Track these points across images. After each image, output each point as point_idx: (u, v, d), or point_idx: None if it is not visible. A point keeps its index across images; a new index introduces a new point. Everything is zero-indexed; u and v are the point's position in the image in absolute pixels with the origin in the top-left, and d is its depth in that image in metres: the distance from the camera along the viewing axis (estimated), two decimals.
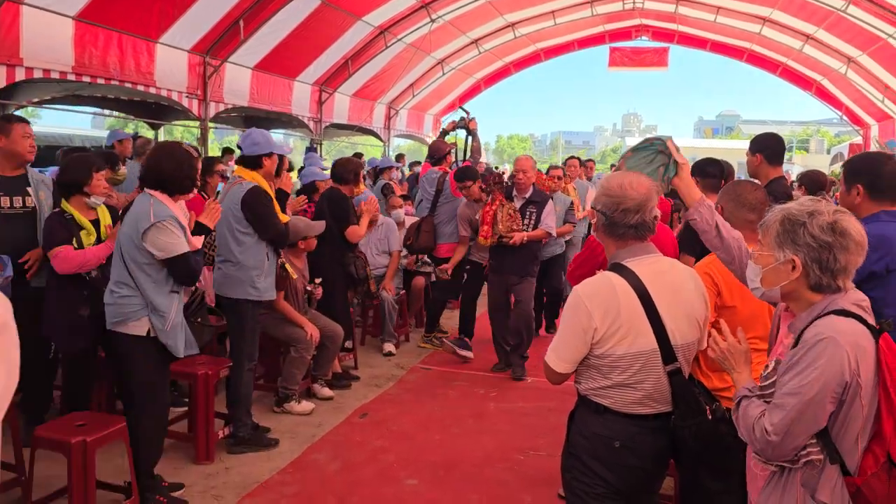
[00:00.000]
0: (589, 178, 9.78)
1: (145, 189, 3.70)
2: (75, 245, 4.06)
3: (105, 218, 4.28)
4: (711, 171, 4.33)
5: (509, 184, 6.39)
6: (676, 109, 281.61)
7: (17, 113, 7.25)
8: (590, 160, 10.93)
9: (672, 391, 2.35)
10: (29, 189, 4.37)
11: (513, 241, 5.96)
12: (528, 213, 6.18)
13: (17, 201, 4.32)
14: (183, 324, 3.76)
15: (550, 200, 6.34)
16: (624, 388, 2.32)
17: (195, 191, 3.99)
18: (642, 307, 2.29)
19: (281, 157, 4.75)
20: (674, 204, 6.36)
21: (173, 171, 3.68)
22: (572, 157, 9.30)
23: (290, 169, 8.50)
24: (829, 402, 1.85)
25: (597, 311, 2.28)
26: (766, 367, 2.06)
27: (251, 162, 4.51)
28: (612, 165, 11.28)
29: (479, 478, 4.35)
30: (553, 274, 7.50)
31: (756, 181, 3.66)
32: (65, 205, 4.14)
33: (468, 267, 6.94)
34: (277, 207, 4.57)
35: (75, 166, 4.22)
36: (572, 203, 7.40)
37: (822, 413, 1.86)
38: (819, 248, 1.91)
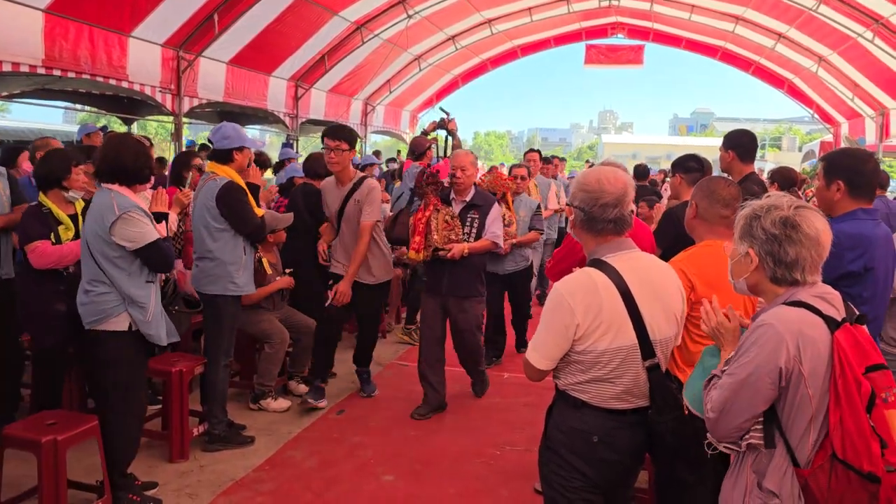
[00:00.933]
0: (554, 177, 9.10)
1: (102, 184, 3.64)
2: (53, 240, 4.00)
3: (82, 213, 4.22)
4: (694, 166, 4.36)
5: (446, 185, 5.30)
6: (652, 107, 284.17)
7: None
8: (555, 157, 10.23)
9: (650, 386, 2.37)
10: None
11: (450, 255, 4.92)
12: (468, 219, 5.10)
13: None
14: (163, 312, 3.75)
15: (496, 204, 5.25)
16: (603, 383, 2.34)
17: (152, 180, 3.94)
18: (623, 302, 2.31)
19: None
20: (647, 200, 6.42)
21: (132, 162, 3.64)
22: (532, 151, 8.46)
23: (269, 166, 8.45)
24: (766, 386, 1.91)
25: (579, 307, 2.28)
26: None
27: (222, 156, 4.45)
28: (587, 161, 10.95)
29: (457, 473, 4.35)
30: (519, 291, 6.66)
31: (729, 177, 3.70)
32: (42, 198, 4.08)
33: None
34: (252, 201, 4.54)
35: (54, 160, 4.15)
36: (539, 206, 6.61)
37: (757, 396, 1.93)
38: (768, 240, 2.00)
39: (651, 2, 14.39)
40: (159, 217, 3.83)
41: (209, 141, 4.65)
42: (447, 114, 6.97)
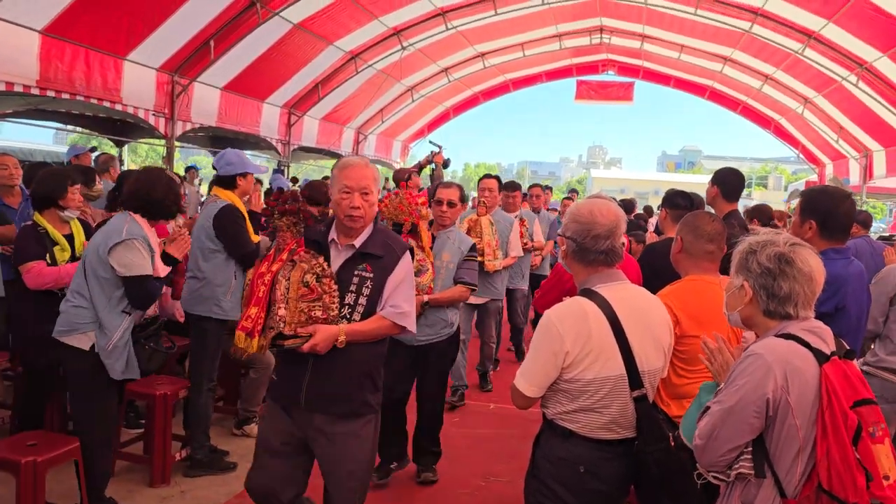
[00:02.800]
0: (537, 210, 8.28)
1: (125, 210, 3.68)
2: (48, 261, 3.99)
3: (79, 233, 4.23)
4: (680, 203, 4.42)
5: (318, 215, 4.10)
6: (641, 143, 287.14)
7: None
8: (538, 186, 9.20)
9: (637, 417, 2.38)
10: None
11: (307, 347, 2.73)
12: (354, 277, 2.89)
13: None
14: (128, 347, 3.67)
15: (408, 253, 3.04)
16: (590, 413, 2.35)
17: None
18: (612, 332, 2.33)
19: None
20: (634, 235, 6.48)
21: (161, 197, 3.72)
22: (489, 177, 6.71)
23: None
24: (753, 415, 1.94)
25: (568, 334, 2.30)
26: None
27: (227, 182, 4.52)
28: (573, 190, 10.55)
29: (440, 503, 4.32)
30: (432, 372, 4.53)
31: (713, 213, 3.76)
32: (38, 218, 4.08)
33: None
34: (250, 227, 4.56)
35: (50, 180, 4.17)
36: (473, 247, 4.58)
37: (744, 425, 1.95)
38: (763, 274, 2.05)
39: (641, 40, 14.65)
40: (171, 261, 3.85)
41: (213, 167, 4.70)
42: (439, 147, 6.96)
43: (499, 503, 4.34)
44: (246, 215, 4.52)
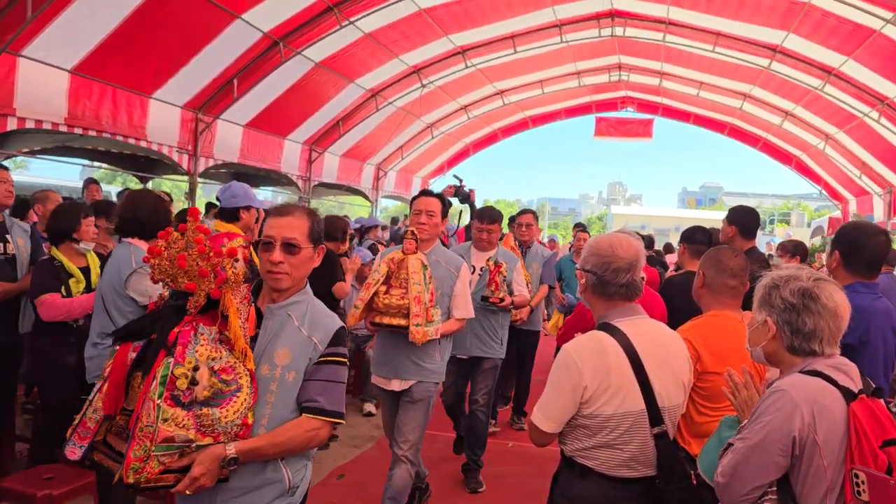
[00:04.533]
0: (525, 244, 6.51)
1: (122, 238, 3.71)
2: (63, 293, 4.03)
3: (95, 266, 4.27)
4: (699, 238, 4.40)
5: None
6: (661, 180, 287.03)
7: (6, 163, 7.30)
8: (527, 212, 6.93)
9: (657, 454, 2.33)
10: (8, 236, 4.37)
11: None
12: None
13: None
14: None
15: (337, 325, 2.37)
16: (610, 449, 2.30)
17: None
18: (631, 367, 2.29)
19: (258, 210, 4.78)
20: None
21: (149, 216, 3.71)
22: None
23: None
24: (778, 453, 1.89)
25: (587, 369, 2.27)
26: None
27: (230, 214, 4.52)
28: (580, 225, 9.83)
29: None
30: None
31: (735, 248, 3.72)
32: (54, 252, 4.13)
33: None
34: (256, 259, 4.57)
35: (63, 214, 4.24)
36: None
37: (769, 463, 1.90)
38: (786, 309, 2.02)
39: (660, 78, 14.73)
40: None
41: (217, 199, 4.72)
42: (460, 180, 6.95)
43: None
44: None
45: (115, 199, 7.75)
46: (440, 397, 4.91)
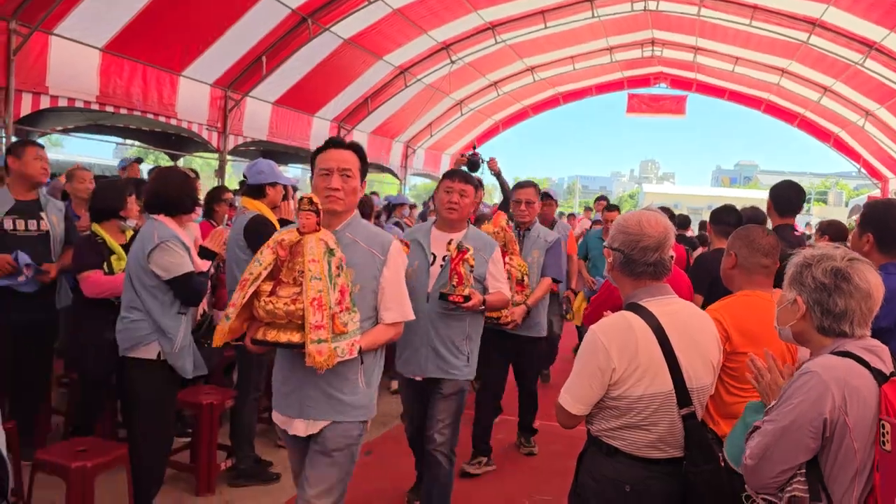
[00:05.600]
0: (524, 225, 5.27)
1: (149, 214, 3.75)
2: (105, 269, 4.09)
3: None
4: (725, 219, 4.29)
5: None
6: (694, 157, 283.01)
7: (41, 140, 7.40)
8: (529, 185, 5.53)
9: (685, 435, 2.30)
10: (42, 213, 4.43)
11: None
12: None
13: (32, 224, 4.38)
14: (191, 345, 3.76)
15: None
16: (637, 430, 2.27)
17: (198, 210, 4.02)
18: (660, 347, 2.26)
19: (285, 187, 4.78)
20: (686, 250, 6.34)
21: (175, 193, 3.74)
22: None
23: None
24: (808, 435, 1.85)
25: (615, 350, 2.24)
26: None
27: (256, 191, 4.53)
28: (602, 198, 9.67)
29: None
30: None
31: (767, 227, 3.63)
32: (96, 228, 4.19)
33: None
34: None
35: (110, 192, 4.29)
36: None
37: (799, 445, 1.87)
38: (817, 289, 1.97)
39: (694, 53, 14.43)
40: (209, 254, 3.90)
41: (244, 176, 4.74)
42: (474, 147, 6.59)
43: None
44: (277, 224, 4.54)
45: (146, 176, 7.84)
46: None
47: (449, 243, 3.73)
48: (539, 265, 5.05)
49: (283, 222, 4.66)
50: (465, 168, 5.63)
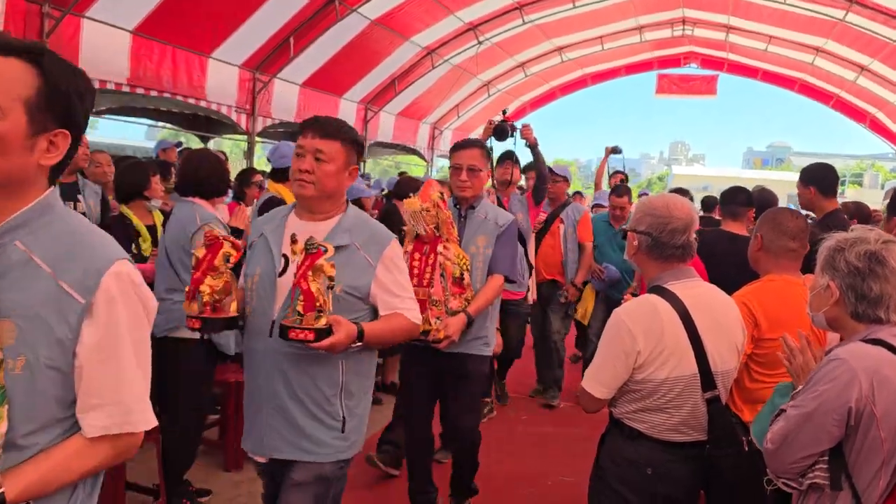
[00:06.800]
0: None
1: (183, 197, 3.80)
2: (134, 250, 4.16)
3: (160, 224, 4.39)
4: (734, 199, 4.19)
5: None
6: (725, 139, 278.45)
7: None
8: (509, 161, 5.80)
9: (708, 419, 2.30)
10: (80, 196, 4.52)
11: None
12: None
13: (69, 206, 4.47)
14: None
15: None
16: (660, 413, 2.28)
17: (229, 193, 4.07)
18: (685, 331, 2.25)
19: None
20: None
21: (208, 176, 3.80)
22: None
23: None
24: (832, 423, 1.83)
25: (640, 333, 2.24)
26: None
27: (279, 174, 4.58)
28: (619, 173, 8.69)
29: (504, 499, 4.29)
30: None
31: (796, 209, 3.57)
32: (124, 209, 4.26)
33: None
34: None
35: (134, 171, 4.35)
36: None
37: (821, 433, 1.85)
38: (851, 273, 1.93)
39: (726, 32, 14.15)
40: (237, 233, 3.96)
41: (268, 159, 4.79)
42: (503, 113, 5.50)
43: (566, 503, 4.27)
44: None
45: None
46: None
47: (294, 244, 2.30)
48: (485, 258, 3.58)
49: None
50: (493, 137, 5.14)
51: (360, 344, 2.29)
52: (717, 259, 3.36)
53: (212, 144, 13.34)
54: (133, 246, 4.16)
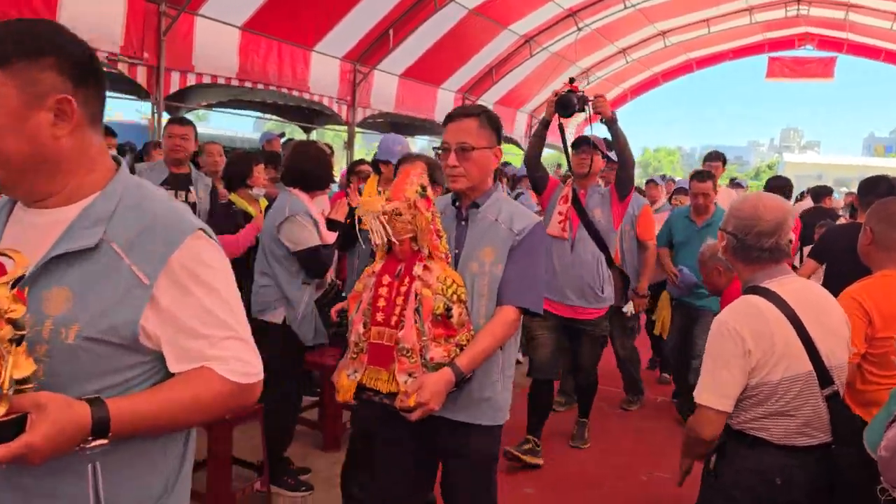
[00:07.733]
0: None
1: (285, 186, 3.95)
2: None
3: (263, 211, 4.61)
4: (873, 190, 3.94)
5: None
6: (843, 125, 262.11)
7: (188, 116, 7.94)
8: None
9: (831, 417, 2.19)
10: (191, 187, 4.78)
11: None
12: None
13: (181, 196, 4.73)
14: (314, 314, 3.92)
15: None
16: (782, 417, 2.18)
17: (331, 186, 4.18)
18: (794, 329, 2.16)
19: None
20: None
21: (312, 169, 3.90)
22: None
23: None
24: None
25: (748, 334, 2.15)
26: None
27: (376, 167, 4.65)
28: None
29: (600, 493, 4.24)
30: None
31: None
32: (233, 196, 4.53)
33: None
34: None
35: (239, 161, 4.65)
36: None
37: None
38: None
39: (846, 10, 13.30)
40: (335, 225, 4.07)
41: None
42: (571, 80, 4.57)
43: (660, 501, 4.18)
44: None
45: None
46: None
47: None
48: (493, 279, 2.41)
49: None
50: (558, 112, 4.34)
51: (103, 442, 1.22)
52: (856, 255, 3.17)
53: (314, 135, 13.76)
54: (240, 230, 4.38)
